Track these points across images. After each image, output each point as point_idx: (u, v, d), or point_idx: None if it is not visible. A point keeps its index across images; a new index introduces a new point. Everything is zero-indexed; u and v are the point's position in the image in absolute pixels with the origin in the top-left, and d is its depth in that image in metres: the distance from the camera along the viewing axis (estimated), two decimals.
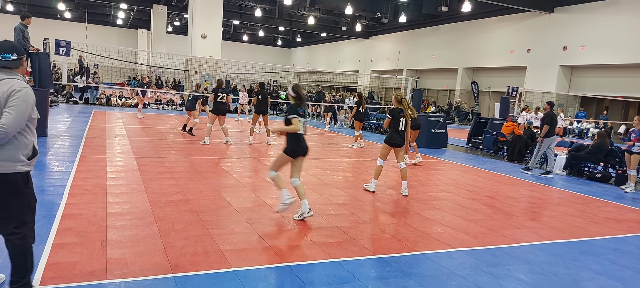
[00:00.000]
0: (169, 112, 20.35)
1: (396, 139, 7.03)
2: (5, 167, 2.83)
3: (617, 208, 7.51)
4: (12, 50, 2.94)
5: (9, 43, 2.99)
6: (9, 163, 2.84)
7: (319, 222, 5.33)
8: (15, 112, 2.78)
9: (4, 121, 2.75)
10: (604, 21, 21.65)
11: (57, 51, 13.17)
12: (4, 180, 2.85)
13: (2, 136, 2.76)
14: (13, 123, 2.77)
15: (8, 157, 2.84)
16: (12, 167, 2.86)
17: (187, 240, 4.36)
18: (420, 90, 17.77)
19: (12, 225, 2.94)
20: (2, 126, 2.74)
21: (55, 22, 41.61)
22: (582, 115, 23.13)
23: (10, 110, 2.78)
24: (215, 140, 11.44)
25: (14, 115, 2.77)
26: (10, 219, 2.94)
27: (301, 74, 46.44)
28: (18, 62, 2.98)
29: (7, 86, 2.84)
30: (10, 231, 2.95)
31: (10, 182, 2.88)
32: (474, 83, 29.90)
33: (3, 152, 2.83)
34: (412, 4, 28.81)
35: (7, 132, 2.76)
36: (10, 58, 2.93)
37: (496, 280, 4.03)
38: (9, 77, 2.90)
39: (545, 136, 10.20)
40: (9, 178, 2.87)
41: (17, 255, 2.97)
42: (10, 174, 2.86)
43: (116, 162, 7.88)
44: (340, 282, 3.72)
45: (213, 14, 22.15)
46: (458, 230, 5.44)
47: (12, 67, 2.95)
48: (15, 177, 2.89)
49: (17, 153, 2.88)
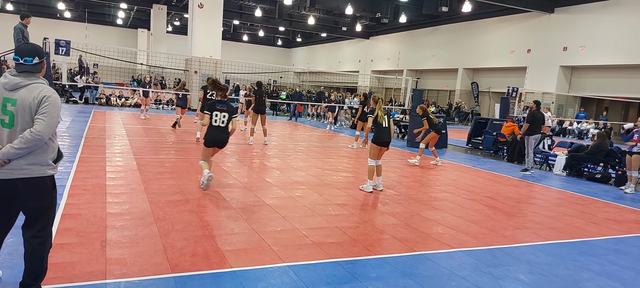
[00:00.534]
0: (169, 112, 20.34)
1: (382, 137, 7.06)
2: (36, 171, 2.86)
3: (617, 209, 7.51)
4: (34, 54, 2.89)
5: (31, 46, 2.92)
6: (38, 167, 2.87)
7: (318, 222, 5.32)
8: (48, 118, 2.79)
9: (39, 128, 2.75)
10: (604, 22, 21.65)
11: (57, 51, 13.16)
12: (35, 184, 2.87)
13: (37, 143, 2.78)
14: (47, 129, 2.78)
15: (38, 161, 2.86)
16: (42, 171, 2.88)
17: (186, 240, 4.35)
18: (421, 90, 17.73)
19: (37, 228, 2.95)
20: (38, 133, 2.75)
21: (55, 21, 41.60)
22: (583, 115, 23.13)
23: (44, 117, 2.78)
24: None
25: (47, 121, 2.78)
26: (37, 222, 2.95)
27: (301, 74, 46.46)
28: (40, 66, 2.93)
29: (36, 91, 2.82)
30: (33, 234, 2.95)
31: (40, 185, 2.90)
32: (474, 83, 29.90)
33: (34, 157, 2.84)
34: (412, 4, 28.82)
35: (42, 138, 2.78)
36: (33, 62, 2.88)
37: (496, 280, 4.03)
38: (35, 81, 2.87)
39: (528, 134, 10.49)
40: (40, 182, 2.89)
41: (34, 258, 2.97)
42: (40, 178, 2.88)
43: (116, 162, 7.87)
44: (340, 282, 3.71)
45: (213, 14, 22.13)
46: (458, 230, 5.43)
47: (35, 71, 2.91)
48: (45, 180, 2.92)
49: (46, 158, 2.90)
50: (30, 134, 2.74)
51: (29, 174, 2.84)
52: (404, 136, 16.72)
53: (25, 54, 2.87)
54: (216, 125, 6.28)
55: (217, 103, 6.35)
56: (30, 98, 2.80)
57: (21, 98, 2.80)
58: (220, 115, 6.28)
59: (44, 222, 2.97)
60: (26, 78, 2.86)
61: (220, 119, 6.29)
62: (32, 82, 2.86)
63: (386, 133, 7.07)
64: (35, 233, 2.95)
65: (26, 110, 2.80)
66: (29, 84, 2.84)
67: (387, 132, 7.08)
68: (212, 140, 6.35)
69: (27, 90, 2.82)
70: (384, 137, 7.04)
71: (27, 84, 2.84)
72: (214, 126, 6.28)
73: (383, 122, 7.06)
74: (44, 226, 2.98)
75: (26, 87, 2.83)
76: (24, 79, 2.85)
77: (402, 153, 12.50)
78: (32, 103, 2.79)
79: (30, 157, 2.83)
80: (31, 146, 2.77)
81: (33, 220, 2.95)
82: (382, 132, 7.05)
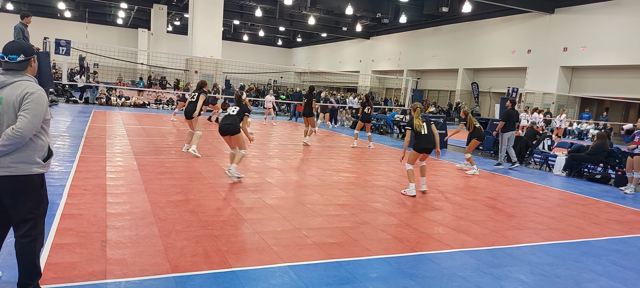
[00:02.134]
0: (169, 111, 20.34)
1: (420, 143, 7.22)
2: (21, 169, 2.83)
3: (618, 209, 7.50)
4: (19, 51, 2.88)
5: (16, 44, 2.91)
6: (25, 165, 2.85)
7: (319, 222, 5.31)
8: (30, 115, 2.77)
9: (19, 125, 2.74)
10: (604, 22, 21.63)
11: (57, 50, 13.17)
12: (20, 182, 2.85)
13: (19, 140, 2.76)
14: (29, 126, 2.76)
15: (24, 159, 2.84)
16: (28, 169, 2.86)
17: (187, 240, 4.34)
18: (421, 90, 17.74)
19: (26, 227, 2.93)
20: (19, 130, 2.73)
21: (55, 21, 41.59)
22: (587, 116, 23.11)
23: (26, 114, 2.76)
24: (215, 140, 11.42)
25: (29, 118, 2.76)
26: (25, 222, 2.93)
27: (302, 74, 46.45)
28: (25, 64, 2.92)
29: (20, 89, 2.82)
30: (22, 233, 2.94)
31: (26, 184, 2.88)
32: (474, 84, 29.89)
33: (19, 154, 2.82)
34: (413, 5, 28.80)
35: (23, 135, 2.76)
36: (17, 60, 2.87)
37: (497, 281, 4.02)
38: (19, 79, 2.86)
39: (502, 131, 10.82)
40: (26, 180, 2.87)
41: (24, 257, 2.96)
42: (26, 176, 2.86)
43: (116, 162, 7.86)
44: (340, 283, 3.70)
45: (213, 14, 22.12)
46: (459, 231, 5.42)
47: (19, 69, 2.90)
48: (32, 178, 2.90)
49: (33, 156, 2.88)
50: (11, 131, 2.73)
51: (14, 172, 2.81)
52: (403, 136, 16.67)
53: (10, 52, 2.86)
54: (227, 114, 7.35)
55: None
56: (14, 96, 2.79)
57: (6, 96, 2.80)
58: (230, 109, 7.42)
59: (33, 222, 2.95)
60: (12, 76, 2.85)
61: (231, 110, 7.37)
62: (17, 80, 2.85)
63: (424, 139, 7.17)
64: (24, 232, 2.93)
65: (11, 108, 2.79)
66: (14, 82, 2.84)
67: (425, 139, 7.17)
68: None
69: (11, 88, 2.82)
70: (422, 143, 7.18)
71: (12, 81, 2.84)
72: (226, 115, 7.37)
73: (421, 129, 7.17)
74: (34, 225, 2.95)
75: (11, 85, 2.83)
76: (10, 77, 2.85)
77: None
78: (16, 100, 2.79)
79: (16, 155, 2.81)
80: (13, 143, 2.75)
81: (20, 220, 2.93)
82: (420, 139, 7.18)
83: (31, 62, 2.96)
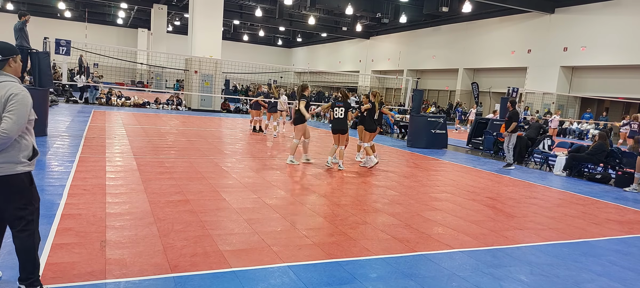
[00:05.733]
0: (169, 112, 20.34)
1: None
2: (6, 170, 2.86)
3: (618, 209, 7.50)
4: None
5: None
6: (9, 165, 2.87)
7: (319, 222, 5.31)
8: (15, 116, 2.77)
9: (4, 126, 2.74)
10: (604, 22, 21.63)
11: (57, 50, 13.17)
12: (6, 182, 2.88)
13: (5, 141, 2.77)
14: (14, 127, 2.77)
15: (8, 159, 2.86)
16: (12, 169, 2.88)
17: (186, 240, 4.34)
18: (421, 90, 17.69)
19: (21, 224, 2.96)
20: (4, 131, 2.74)
21: (55, 21, 41.61)
22: (588, 116, 23.11)
23: (11, 115, 2.76)
24: (215, 140, 11.42)
25: (14, 119, 2.77)
26: (18, 219, 2.96)
27: (302, 74, 46.45)
28: (3, 63, 2.90)
29: (4, 90, 2.81)
30: (20, 229, 2.97)
31: (13, 183, 2.90)
32: (474, 83, 29.88)
33: (4, 154, 2.84)
34: (413, 4, 28.80)
35: (9, 136, 2.76)
36: None
37: (497, 281, 4.01)
38: (2, 80, 2.85)
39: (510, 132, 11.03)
40: (12, 180, 2.89)
41: (23, 252, 2.99)
42: (13, 176, 2.88)
43: (116, 162, 7.86)
44: (340, 283, 3.70)
45: (213, 14, 22.10)
46: (458, 231, 5.42)
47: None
48: (19, 177, 2.91)
49: (17, 155, 2.89)
50: None
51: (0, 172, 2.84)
52: (404, 136, 16.69)
53: None
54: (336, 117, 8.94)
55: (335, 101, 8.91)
56: None
57: None
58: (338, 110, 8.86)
59: (27, 218, 2.97)
60: None
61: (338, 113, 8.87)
62: (1, 80, 2.85)
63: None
64: (21, 228, 2.96)
65: None
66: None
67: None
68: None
69: None
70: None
71: None
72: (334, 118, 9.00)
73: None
74: (29, 221, 2.98)
75: None
76: None
77: (403, 153, 12.48)
78: (0, 102, 2.79)
79: (1, 156, 2.82)
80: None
81: (14, 217, 2.96)
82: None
83: (10, 62, 2.93)
